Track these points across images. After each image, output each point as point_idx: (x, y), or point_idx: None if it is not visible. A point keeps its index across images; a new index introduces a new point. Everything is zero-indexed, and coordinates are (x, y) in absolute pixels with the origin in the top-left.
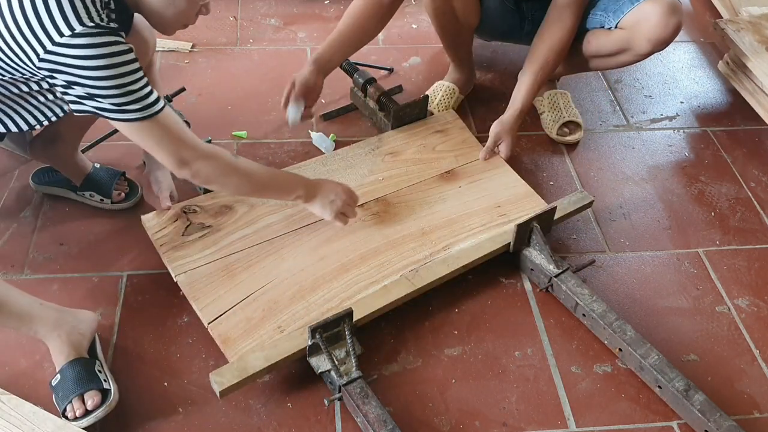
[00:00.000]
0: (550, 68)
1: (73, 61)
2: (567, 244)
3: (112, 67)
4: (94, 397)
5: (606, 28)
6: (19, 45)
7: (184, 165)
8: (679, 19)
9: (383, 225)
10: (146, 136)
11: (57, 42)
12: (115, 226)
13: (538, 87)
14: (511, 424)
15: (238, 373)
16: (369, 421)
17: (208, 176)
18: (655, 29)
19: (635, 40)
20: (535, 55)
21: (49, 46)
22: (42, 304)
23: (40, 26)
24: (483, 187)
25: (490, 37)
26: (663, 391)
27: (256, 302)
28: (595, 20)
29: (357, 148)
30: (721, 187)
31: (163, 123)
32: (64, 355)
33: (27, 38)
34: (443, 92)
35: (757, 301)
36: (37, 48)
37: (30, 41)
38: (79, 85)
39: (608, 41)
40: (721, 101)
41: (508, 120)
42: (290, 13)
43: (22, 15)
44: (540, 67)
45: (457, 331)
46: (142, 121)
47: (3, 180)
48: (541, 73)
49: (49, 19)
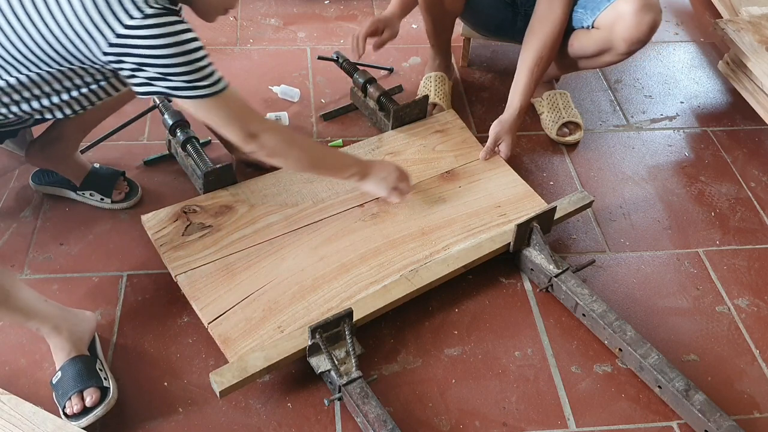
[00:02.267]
0: (544, 63)
1: (145, 41)
2: (567, 244)
3: (182, 44)
4: (93, 395)
5: (585, 26)
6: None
7: (252, 138)
8: (653, 17)
9: (383, 225)
10: (215, 112)
11: (127, 25)
12: (115, 226)
13: (535, 84)
14: (511, 424)
15: (238, 373)
16: (369, 421)
17: (273, 148)
18: (629, 29)
19: (613, 41)
20: (528, 51)
21: (120, 30)
22: (46, 301)
23: (110, 11)
24: (483, 187)
25: (484, 30)
26: (663, 391)
27: (256, 302)
28: (576, 18)
29: (357, 148)
30: (721, 187)
31: (230, 98)
32: (65, 353)
33: (95, 25)
34: (435, 82)
35: (757, 301)
36: (107, 33)
37: (98, 27)
38: (150, 66)
39: (589, 42)
40: (721, 101)
41: (508, 120)
42: (290, 13)
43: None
44: (534, 63)
45: (457, 331)
46: (212, 97)
47: (3, 180)
48: (536, 69)
49: (118, 3)
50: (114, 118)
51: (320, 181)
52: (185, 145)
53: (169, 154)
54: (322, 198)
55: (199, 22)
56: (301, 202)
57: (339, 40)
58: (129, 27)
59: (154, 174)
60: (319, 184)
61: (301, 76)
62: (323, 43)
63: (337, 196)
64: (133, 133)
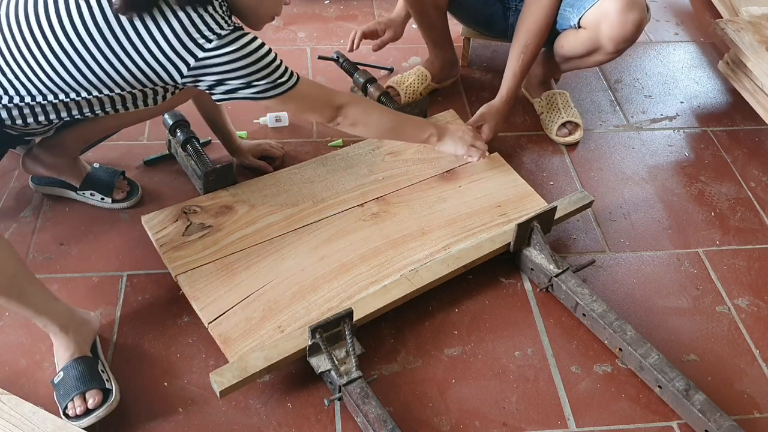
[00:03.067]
0: (531, 51)
1: (224, 59)
2: (567, 244)
3: (257, 54)
4: (95, 396)
5: (571, 24)
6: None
7: (336, 112)
8: (638, 16)
9: (383, 225)
10: (300, 100)
11: (206, 49)
12: (115, 226)
13: (523, 71)
14: (511, 424)
15: (238, 373)
16: (369, 421)
17: (355, 117)
18: (614, 28)
19: (601, 40)
20: (517, 39)
21: (200, 55)
22: (56, 300)
23: (190, 39)
24: (483, 186)
25: (474, 25)
26: (663, 391)
27: (256, 302)
28: (563, 17)
29: (357, 149)
30: (721, 187)
31: (308, 83)
32: (69, 353)
33: (177, 54)
34: (414, 77)
35: (757, 301)
36: (188, 59)
37: (180, 55)
38: (231, 80)
39: (577, 43)
40: (721, 101)
41: (494, 104)
42: (290, 13)
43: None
44: (521, 51)
45: (457, 331)
46: (293, 89)
47: (3, 180)
48: (523, 57)
49: (196, 31)
50: None
51: (320, 181)
52: (185, 145)
53: (169, 154)
54: (322, 198)
55: None
56: (301, 202)
57: (339, 40)
58: (208, 50)
59: (154, 174)
60: (319, 184)
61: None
62: (323, 43)
63: (337, 196)
64: (133, 133)
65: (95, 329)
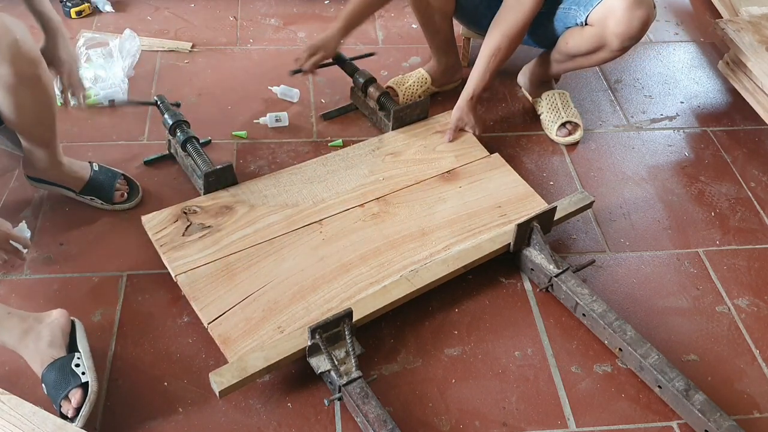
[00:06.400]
0: (502, 54)
1: None
2: (567, 244)
3: None
4: (75, 395)
5: (578, 22)
6: None
7: None
8: (645, 13)
9: (383, 225)
10: None
11: None
12: (115, 226)
13: (490, 73)
14: (511, 424)
15: (238, 373)
16: (369, 421)
17: None
18: (621, 25)
19: (606, 37)
20: (489, 40)
21: None
22: (9, 314)
23: None
24: (483, 187)
25: (481, 30)
26: (663, 391)
27: (256, 302)
28: (570, 16)
29: (357, 149)
30: (721, 187)
31: None
32: (38, 364)
33: None
34: (414, 79)
35: (757, 301)
36: None
37: None
38: None
39: (583, 40)
40: (721, 101)
41: (461, 105)
42: (290, 13)
43: None
44: (492, 53)
45: (457, 331)
46: None
47: (3, 180)
48: (492, 60)
49: None
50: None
51: (320, 181)
52: (185, 145)
53: (169, 154)
54: (322, 198)
55: (198, 21)
56: (301, 202)
57: None
58: None
59: (154, 174)
60: (319, 185)
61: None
62: None
63: (338, 197)
64: (133, 133)
65: (62, 325)
